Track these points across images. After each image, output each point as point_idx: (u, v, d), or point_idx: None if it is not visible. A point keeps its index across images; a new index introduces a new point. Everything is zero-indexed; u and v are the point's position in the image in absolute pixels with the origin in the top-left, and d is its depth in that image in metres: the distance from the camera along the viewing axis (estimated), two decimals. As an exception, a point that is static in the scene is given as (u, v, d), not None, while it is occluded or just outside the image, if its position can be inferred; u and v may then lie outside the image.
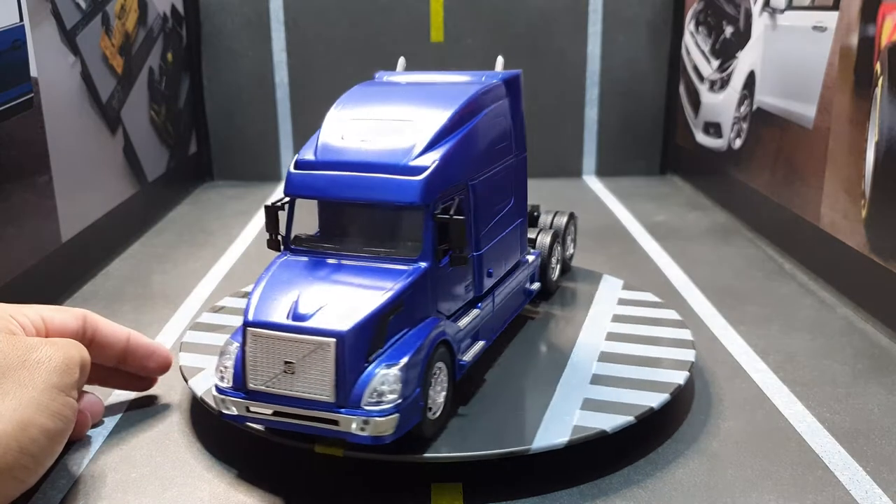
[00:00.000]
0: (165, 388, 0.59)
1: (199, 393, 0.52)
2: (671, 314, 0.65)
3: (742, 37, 1.03)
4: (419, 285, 0.48)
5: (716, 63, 1.12)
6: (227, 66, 1.26)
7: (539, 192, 0.81)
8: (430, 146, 0.49)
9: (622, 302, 0.68)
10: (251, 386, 0.45)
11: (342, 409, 0.44)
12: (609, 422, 0.48)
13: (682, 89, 1.25)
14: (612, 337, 0.61)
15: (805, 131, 0.84)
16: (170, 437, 0.53)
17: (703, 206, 1.11)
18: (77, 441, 0.52)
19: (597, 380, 0.54)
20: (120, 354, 0.55)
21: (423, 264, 0.48)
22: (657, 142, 1.31)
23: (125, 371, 0.56)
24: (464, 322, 0.52)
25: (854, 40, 0.74)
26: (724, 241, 0.95)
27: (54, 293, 0.77)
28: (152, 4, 1.09)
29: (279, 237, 0.52)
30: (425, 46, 1.24)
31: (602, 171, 1.31)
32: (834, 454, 0.50)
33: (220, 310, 0.67)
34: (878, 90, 0.70)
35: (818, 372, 0.62)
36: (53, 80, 0.79)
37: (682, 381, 0.53)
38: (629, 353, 0.58)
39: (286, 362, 0.44)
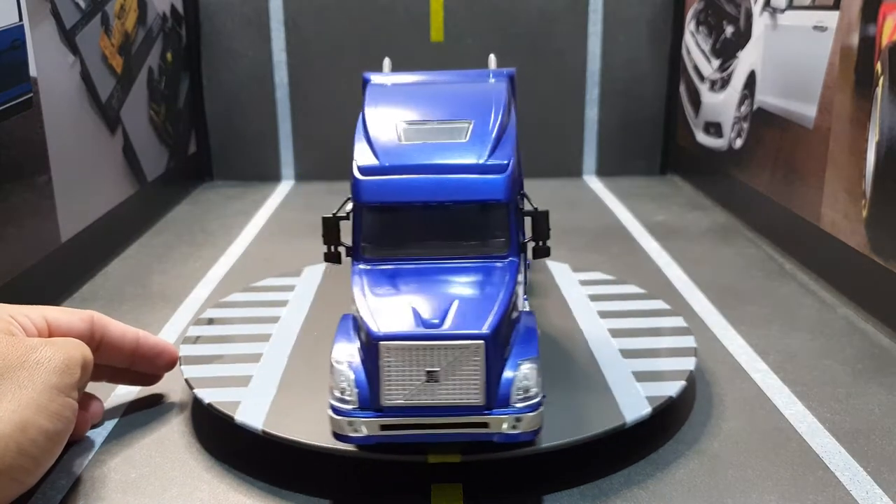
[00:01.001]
0: (166, 388, 0.59)
1: (208, 400, 0.51)
2: (655, 301, 0.67)
3: (742, 36, 1.03)
4: (517, 280, 0.48)
5: (716, 63, 1.12)
6: (226, 66, 1.25)
7: (539, 191, 0.80)
8: (497, 143, 0.50)
9: (584, 283, 0.71)
10: (387, 402, 0.43)
11: (492, 411, 0.43)
12: (670, 389, 0.51)
13: (682, 89, 1.25)
14: (604, 316, 0.64)
15: (805, 131, 0.84)
16: (170, 437, 0.53)
17: (703, 206, 1.11)
18: (77, 442, 0.52)
19: (627, 354, 0.57)
20: (129, 356, 0.55)
21: (513, 259, 0.49)
22: (657, 142, 1.31)
23: (134, 370, 0.56)
24: None
25: (855, 40, 0.74)
26: (725, 241, 0.95)
27: (54, 293, 0.77)
28: (152, 4, 1.08)
29: (340, 249, 0.50)
30: (425, 46, 1.24)
31: (602, 171, 1.31)
32: (834, 454, 0.50)
33: (210, 321, 0.65)
34: (879, 90, 0.70)
35: (818, 372, 0.62)
36: (53, 80, 0.79)
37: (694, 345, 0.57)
38: (635, 327, 0.61)
39: (429, 372, 0.42)
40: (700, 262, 0.87)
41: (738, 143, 1.04)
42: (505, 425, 0.43)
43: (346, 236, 0.51)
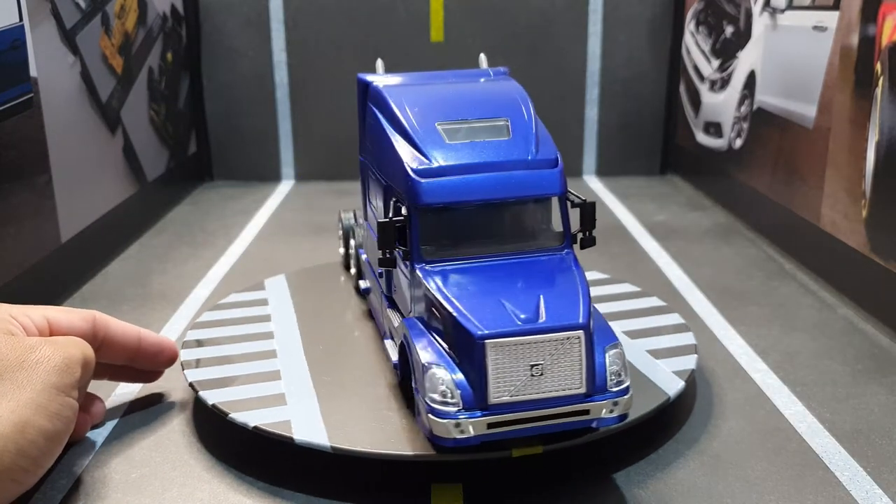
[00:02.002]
0: (166, 388, 0.59)
1: (253, 423, 0.49)
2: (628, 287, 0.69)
3: (742, 36, 1.03)
4: (582, 270, 0.50)
5: (716, 63, 1.12)
6: (226, 66, 1.25)
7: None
8: (538, 138, 0.51)
9: None
10: (494, 400, 0.43)
11: (592, 398, 0.44)
12: (688, 363, 0.53)
13: (682, 89, 1.25)
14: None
15: (805, 131, 0.84)
16: (170, 437, 0.53)
17: (703, 206, 1.11)
18: (77, 442, 0.52)
19: (634, 335, 0.59)
20: (131, 354, 0.55)
21: (569, 250, 0.51)
22: (657, 142, 1.31)
23: (135, 367, 0.56)
24: None
25: (854, 40, 0.74)
26: (725, 241, 0.95)
27: (54, 293, 0.77)
28: (152, 4, 1.08)
29: (399, 252, 0.49)
30: (425, 46, 1.24)
31: (602, 171, 1.31)
32: (834, 454, 0.50)
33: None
34: (879, 90, 0.70)
35: (819, 372, 0.62)
36: (53, 80, 0.79)
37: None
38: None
39: (533, 365, 0.43)
40: (700, 262, 0.87)
41: (738, 143, 1.04)
42: (604, 410, 0.44)
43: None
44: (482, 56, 0.65)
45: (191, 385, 0.53)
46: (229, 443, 0.52)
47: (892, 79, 0.68)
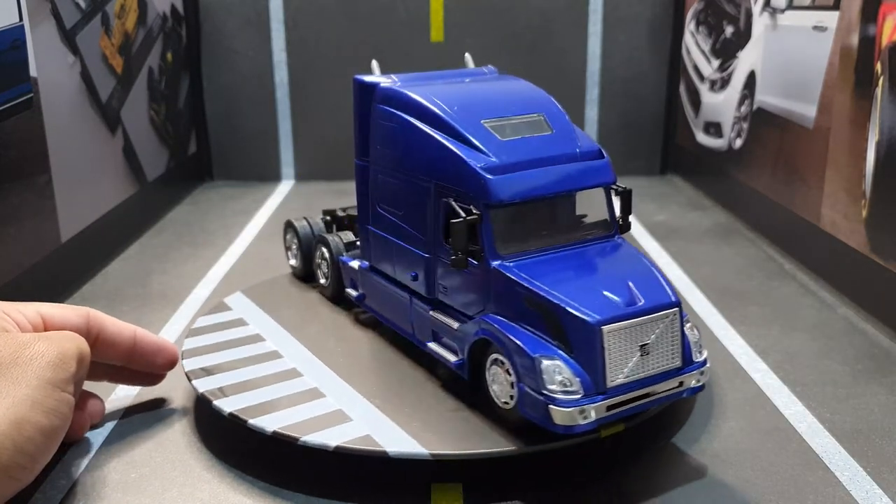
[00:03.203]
0: (167, 388, 0.59)
1: (334, 443, 0.48)
2: None
3: (742, 36, 1.03)
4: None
5: (716, 63, 1.12)
6: (226, 66, 1.26)
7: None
8: (575, 131, 0.54)
9: None
10: (611, 383, 0.44)
11: (685, 370, 0.47)
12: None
13: (682, 89, 1.25)
14: None
15: (805, 131, 0.84)
16: (170, 437, 0.53)
17: (703, 206, 1.11)
18: (76, 443, 0.52)
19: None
20: (127, 353, 0.54)
21: (619, 235, 0.53)
22: (657, 142, 1.31)
23: (132, 368, 0.56)
24: None
25: (854, 40, 0.74)
26: (725, 241, 0.95)
27: (54, 293, 0.77)
28: (152, 4, 1.08)
29: (473, 249, 0.49)
30: (425, 46, 1.24)
31: (602, 171, 1.31)
32: (834, 454, 0.50)
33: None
34: (879, 90, 0.70)
35: (818, 372, 0.62)
36: (53, 80, 0.79)
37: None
38: None
39: (642, 346, 0.45)
40: (700, 262, 0.87)
41: (738, 143, 1.04)
42: (693, 381, 0.48)
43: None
44: (468, 56, 0.65)
45: (231, 415, 0.50)
46: (230, 443, 0.52)
47: (892, 79, 0.68)
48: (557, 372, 0.44)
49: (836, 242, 0.77)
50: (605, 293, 0.46)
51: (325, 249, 0.69)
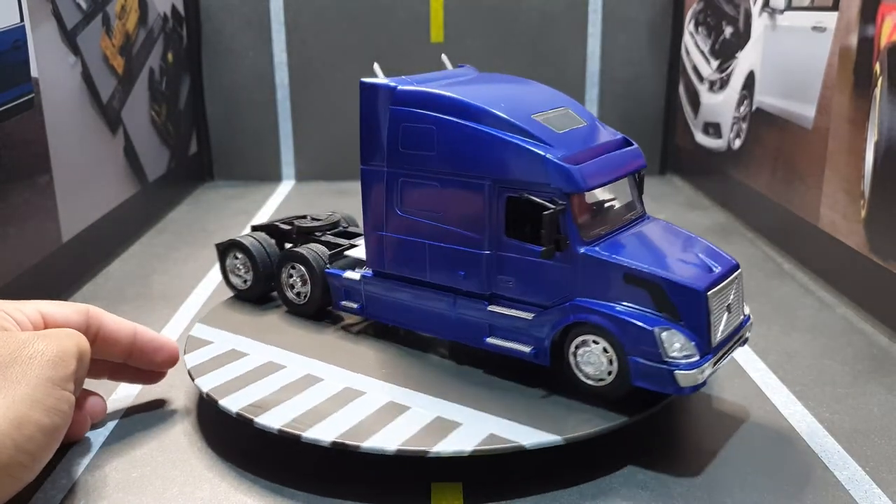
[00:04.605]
0: (167, 387, 0.59)
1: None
2: None
3: (742, 37, 1.03)
4: None
5: (715, 63, 1.12)
6: (227, 67, 1.26)
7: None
8: (598, 121, 0.58)
9: None
10: (715, 342, 0.49)
11: (743, 323, 0.54)
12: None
13: (681, 89, 1.25)
14: None
15: (804, 131, 0.84)
16: (171, 436, 0.53)
17: (702, 206, 1.11)
18: (77, 442, 0.52)
19: None
20: (126, 350, 0.54)
21: (648, 214, 0.58)
22: (657, 142, 1.31)
23: (133, 366, 0.56)
24: None
25: (853, 40, 0.74)
26: (724, 240, 0.95)
27: (54, 293, 0.77)
28: (153, 5, 1.09)
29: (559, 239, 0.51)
30: (425, 46, 1.24)
31: (602, 172, 1.31)
32: (834, 454, 0.51)
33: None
34: (878, 90, 0.70)
35: (818, 372, 0.62)
36: (54, 81, 0.79)
37: None
38: None
39: (728, 305, 0.51)
40: (700, 262, 0.87)
41: (738, 143, 1.04)
42: (747, 333, 0.54)
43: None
44: (444, 56, 0.64)
45: (335, 444, 0.47)
46: (230, 442, 0.52)
47: (891, 79, 0.68)
48: (675, 340, 0.48)
49: (835, 242, 0.77)
50: (691, 264, 0.51)
51: (299, 266, 0.64)
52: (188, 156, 1.23)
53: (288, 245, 0.70)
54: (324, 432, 0.48)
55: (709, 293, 0.48)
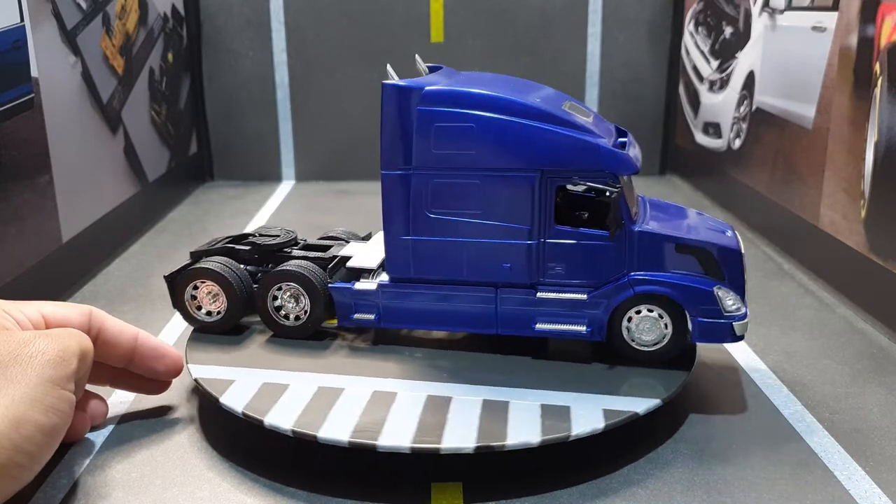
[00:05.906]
0: (167, 388, 0.59)
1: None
2: None
3: (741, 37, 1.03)
4: None
5: (715, 63, 1.12)
6: (227, 67, 1.26)
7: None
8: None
9: None
10: (746, 295, 0.55)
11: None
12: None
13: (681, 89, 1.25)
14: None
15: (804, 131, 0.85)
16: (171, 436, 0.53)
17: (702, 206, 1.11)
18: (76, 443, 0.52)
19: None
20: (127, 354, 0.53)
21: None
22: (657, 142, 1.31)
23: (135, 373, 0.55)
24: None
25: (853, 41, 0.74)
26: (724, 241, 0.95)
27: (55, 293, 0.77)
28: (153, 5, 1.09)
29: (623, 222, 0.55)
30: (425, 46, 1.24)
31: (602, 172, 1.31)
32: (833, 454, 0.51)
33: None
34: (878, 90, 0.70)
35: (817, 372, 0.62)
36: (54, 81, 0.79)
37: None
38: None
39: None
40: (699, 262, 0.87)
41: (737, 143, 1.04)
42: None
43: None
44: (417, 57, 0.63)
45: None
46: (231, 441, 0.52)
47: (890, 79, 0.68)
48: (728, 297, 0.54)
49: (835, 242, 0.77)
50: (712, 230, 0.57)
51: (294, 285, 0.59)
52: (188, 156, 1.23)
53: (246, 267, 0.62)
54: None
55: (744, 253, 0.55)
